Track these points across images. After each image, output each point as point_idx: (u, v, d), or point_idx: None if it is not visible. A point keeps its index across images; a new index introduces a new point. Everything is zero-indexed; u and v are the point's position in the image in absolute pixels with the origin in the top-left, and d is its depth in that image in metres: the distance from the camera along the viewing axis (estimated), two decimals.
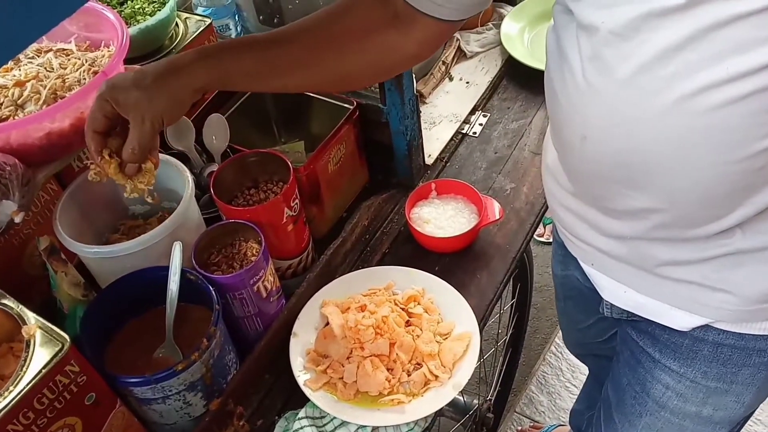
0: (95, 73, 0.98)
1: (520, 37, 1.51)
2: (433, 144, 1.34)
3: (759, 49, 0.62)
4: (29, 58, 1.02)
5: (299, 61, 0.86)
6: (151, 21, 1.16)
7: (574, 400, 1.69)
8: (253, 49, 0.85)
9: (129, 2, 1.23)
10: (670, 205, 0.75)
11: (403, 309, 1.05)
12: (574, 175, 0.86)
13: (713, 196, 0.72)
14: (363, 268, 1.13)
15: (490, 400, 1.55)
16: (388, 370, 0.98)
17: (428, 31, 0.85)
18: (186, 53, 0.83)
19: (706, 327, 0.88)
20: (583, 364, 1.61)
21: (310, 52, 0.86)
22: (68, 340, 0.75)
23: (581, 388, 1.66)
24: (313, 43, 0.86)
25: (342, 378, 0.97)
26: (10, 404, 0.71)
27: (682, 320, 0.89)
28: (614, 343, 1.14)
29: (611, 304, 0.98)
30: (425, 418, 0.95)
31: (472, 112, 1.41)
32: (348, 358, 0.99)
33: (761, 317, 0.84)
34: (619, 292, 0.94)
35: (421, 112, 1.24)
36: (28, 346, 0.75)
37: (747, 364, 0.90)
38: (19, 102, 0.94)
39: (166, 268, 0.91)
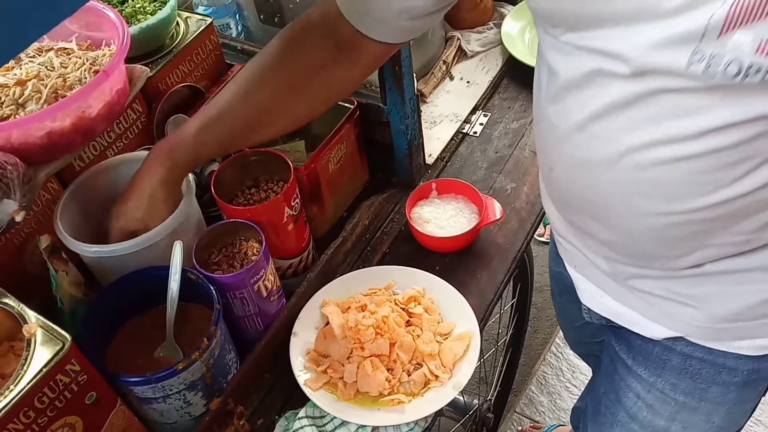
0: (96, 72, 0.98)
1: (521, 36, 1.51)
2: (434, 143, 1.34)
3: (696, 117, 0.63)
4: (30, 57, 1.02)
5: (257, 122, 0.91)
6: (151, 20, 1.15)
7: (575, 400, 1.69)
8: (210, 133, 0.90)
9: (130, 1, 1.23)
10: (628, 241, 0.79)
11: (403, 309, 1.05)
12: (551, 197, 0.89)
13: (665, 239, 0.76)
14: (363, 267, 1.13)
15: (491, 400, 1.55)
16: (388, 370, 0.98)
17: (374, 55, 0.88)
18: (149, 171, 0.91)
19: (676, 337, 0.88)
20: (584, 364, 1.62)
21: (265, 110, 0.90)
22: (69, 339, 0.75)
23: (584, 387, 1.66)
24: (266, 101, 0.90)
25: (342, 378, 0.97)
26: (11, 403, 0.71)
27: (655, 330, 0.89)
28: None
29: (589, 308, 0.99)
30: (425, 418, 0.95)
31: (473, 111, 1.41)
32: (348, 358, 0.99)
33: (730, 336, 0.84)
34: (596, 296, 0.95)
35: (421, 111, 1.24)
36: (28, 345, 0.75)
37: (716, 381, 0.90)
38: (20, 101, 0.94)
39: (167, 268, 0.91)
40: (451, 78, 1.50)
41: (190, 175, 0.99)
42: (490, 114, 1.41)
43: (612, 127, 0.69)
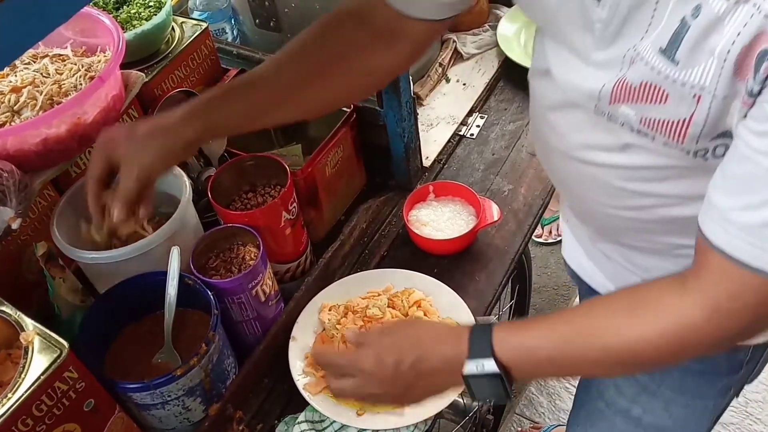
0: (92, 78, 0.98)
1: (517, 38, 1.51)
2: (431, 146, 1.34)
3: (614, 134, 0.69)
4: (25, 63, 1.02)
5: (285, 97, 0.88)
6: (147, 26, 1.15)
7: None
8: (239, 95, 0.87)
9: (125, 7, 1.23)
10: (584, 215, 0.88)
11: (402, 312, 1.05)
12: None
13: (611, 226, 0.83)
14: (361, 271, 1.13)
15: (490, 401, 1.55)
16: None
17: (417, 36, 0.86)
18: (173, 112, 0.85)
19: None
20: None
21: (295, 86, 0.87)
22: (66, 346, 0.75)
23: None
24: (297, 77, 0.87)
25: None
26: (9, 411, 0.71)
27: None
28: None
29: (568, 264, 1.05)
30: (425, 420, 0.95)
31: (470, 113, 1.41)
32: None
33: None
34: (571, 248, 1.01)
35: (418, 114, 1.24)
36: (26, 352, 0.75)
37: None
38: (15, 108, 0.94)
39: (164, 273, 0.91)
40: (448, 80, 1.50)
41: (187, 180, 0.99)
42: (486, 116, 1.41)
43: (561, 123, 0.77)
